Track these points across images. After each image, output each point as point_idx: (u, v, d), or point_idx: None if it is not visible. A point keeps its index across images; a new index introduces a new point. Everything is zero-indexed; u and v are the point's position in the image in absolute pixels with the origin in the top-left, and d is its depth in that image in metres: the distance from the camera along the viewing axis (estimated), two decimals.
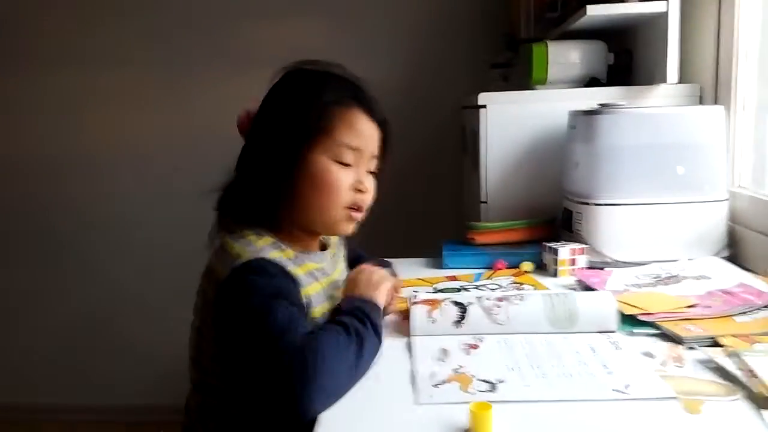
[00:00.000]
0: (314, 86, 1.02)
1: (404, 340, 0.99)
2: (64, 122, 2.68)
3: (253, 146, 1.04)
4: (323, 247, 1.13)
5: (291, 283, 0.93)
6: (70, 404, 2.80)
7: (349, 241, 1.23)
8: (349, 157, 1.01)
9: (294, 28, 2.51)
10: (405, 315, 1.05)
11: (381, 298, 0.99)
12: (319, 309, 0.99)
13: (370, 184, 1.05)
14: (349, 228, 1.06)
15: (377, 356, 0.91)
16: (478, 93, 1.63)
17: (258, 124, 1.04)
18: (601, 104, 1.38)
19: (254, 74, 1.12)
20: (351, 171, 1.02)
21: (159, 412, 2.36)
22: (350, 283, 1.02)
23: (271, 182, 0.99)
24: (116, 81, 2.62)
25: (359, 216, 1.05)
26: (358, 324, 0.88)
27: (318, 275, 1.04)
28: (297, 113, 0.99)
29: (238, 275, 0.91)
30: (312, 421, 0.76)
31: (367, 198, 1.05)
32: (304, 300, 0.95)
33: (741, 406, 0.75)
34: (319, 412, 0.77)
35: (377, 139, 1.06)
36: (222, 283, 0.91)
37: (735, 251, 1.34)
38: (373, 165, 1.07)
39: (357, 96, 1.03)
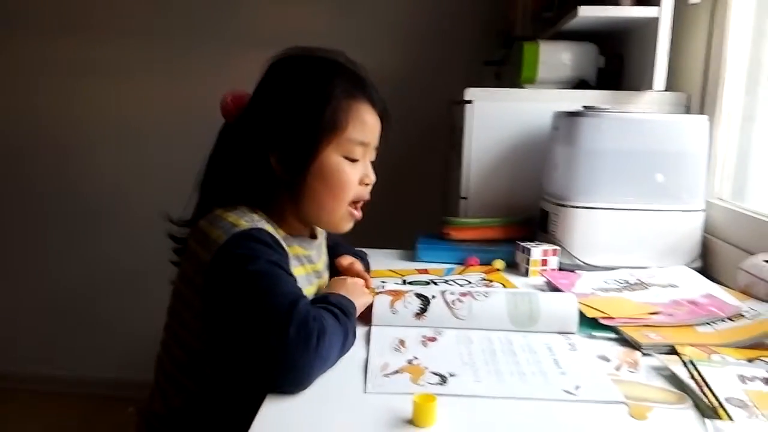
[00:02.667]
0: (323, 78, 0.99)
1: (364, 329, 0.99)
2: (61, 92, 2.66)
3: (250, 135, 0.99)
4: (312, 236, 1.12)
5: (285, 255, 0.94)
6: (40, 374, 2.80)
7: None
8: (358, 152, 1.01)
9: (292, 13, 2.49)
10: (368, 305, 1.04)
11: (359, 303, 1.00)
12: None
13: (373, 176, 1.05)
14: (349, 225, 1.06)
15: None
16: (466, 88, 1.62)
17: (258, 114, 1.01)
18: (584, 107, 1.37)
19: (253, 54, 1.08)
20: (359, 165, 1.02)
21: (131, 388, 2.37)
22: (336, 283, 1.04)
23: (277, 176, 0.98)
24: (115, 53, 2.60)
25: (359, 214, 1.05)
26: (344, 316, 0.90)
27: (303, 260, 1.04)
28: (309, 110, 0.97)
29: (237, 241, 0.89)
30: (258, 402, 0.76)
31: (369, 189, 1.05)
32: None
33: (688, 414, 0.75)
34: (306, 387, 0.79)
35: (379, 128, 1.05)
36: (221, 248, 0.88)
37: (707, 262, 1.34)
38: (374, 155, 1.06)
39: (363, 87, 1.02)
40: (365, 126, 1.01)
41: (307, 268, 1.05)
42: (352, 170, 1.01)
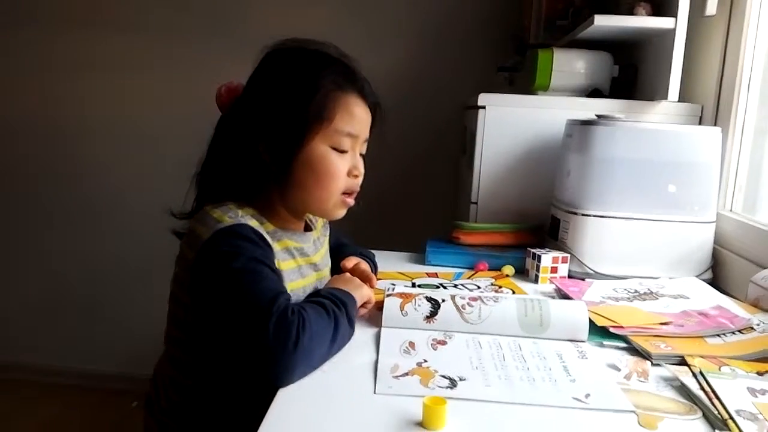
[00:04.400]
0: (312, 70, 1.00)
1: (375, 330, 0.99)
2: (63, 89, 2.67)
3: (241, 125, 1.01)
4: (307, 228, 1.12)
5: (269, 250, 0.94)
6: (38, 366, 2.81)
7: (338, 229, 1.22)
8: (346, 144, 1.01)
9: (301, 15, 2.48)
10: (379, 306, 1.05)
11: (358, 295, 1.00)
12: (290, 285, 0.98)
13: (362, 168, 1.05)
14: (341, 213, 1.07)
15: (347, 344, 0.92)
16: (480, 93, 1.62)
17: (249, 103, 1.02)
18: (598, 115, 1.37)
19: (257, 53, 1.09)
20: (347, 157, 1.02)
21: (130, 383, 2.38)
22: (334, 280, 1.05)
23: (265, 165, 0.98)
24: (117, 50, 2.61)
25: (352, 202, 1.06)
26: (335, 308, 0.90)
27: (295, 253, 1.04)
28: (297, 99, 0.98)
29: (220, 237, 0.90)
30: (270, 398, 0.76)
31: (359, 181, 1.06)
32: None
33: (697, 426, 0.74)
34: (293, 381, 0.79)
35: (370, 122, 1.06)
36: (204, 245, 0.90)
37: (717, 274, 1.34)
38: (364, 148, 1.07)
39: (353, 79, 1.03)
40: (353, 118, 1.01)
41: (299, 261, 1.04)
42: (340, 161, 1.01)
